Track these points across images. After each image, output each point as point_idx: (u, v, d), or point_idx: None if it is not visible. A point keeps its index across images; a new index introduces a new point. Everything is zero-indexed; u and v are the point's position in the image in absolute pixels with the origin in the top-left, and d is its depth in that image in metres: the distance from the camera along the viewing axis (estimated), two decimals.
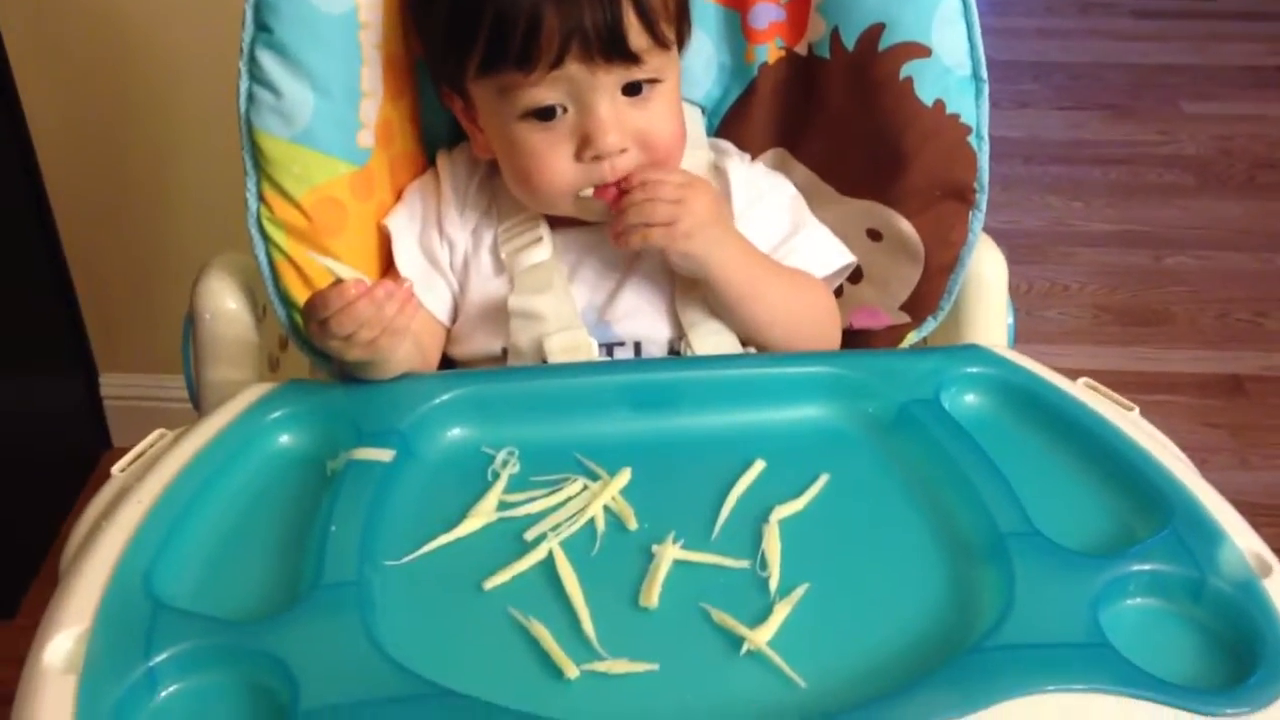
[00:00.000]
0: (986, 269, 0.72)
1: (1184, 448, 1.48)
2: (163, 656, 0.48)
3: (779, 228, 0.70)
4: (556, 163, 0.65)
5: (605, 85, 0.63)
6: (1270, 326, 1.78)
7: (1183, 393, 1.67)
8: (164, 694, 0.48)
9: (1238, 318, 1.79)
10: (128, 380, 1.51)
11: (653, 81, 0.65)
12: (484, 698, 0.47)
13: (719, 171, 0.71)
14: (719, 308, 0.66)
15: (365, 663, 0.48)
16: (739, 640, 0.51)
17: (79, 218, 1.39)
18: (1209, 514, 0.55)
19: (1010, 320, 0.73)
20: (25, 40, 1.27)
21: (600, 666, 0.50)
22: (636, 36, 0.62)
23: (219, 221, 0.97)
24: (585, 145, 0.64)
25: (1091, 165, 2.14)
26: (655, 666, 0.50)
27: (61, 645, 0.48)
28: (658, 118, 0.66)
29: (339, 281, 0.58)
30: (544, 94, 0.63)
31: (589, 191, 0.64)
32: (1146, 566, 0.52)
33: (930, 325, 0.72)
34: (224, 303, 0.67)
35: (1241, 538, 0.54)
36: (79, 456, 1.52)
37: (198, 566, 0.53)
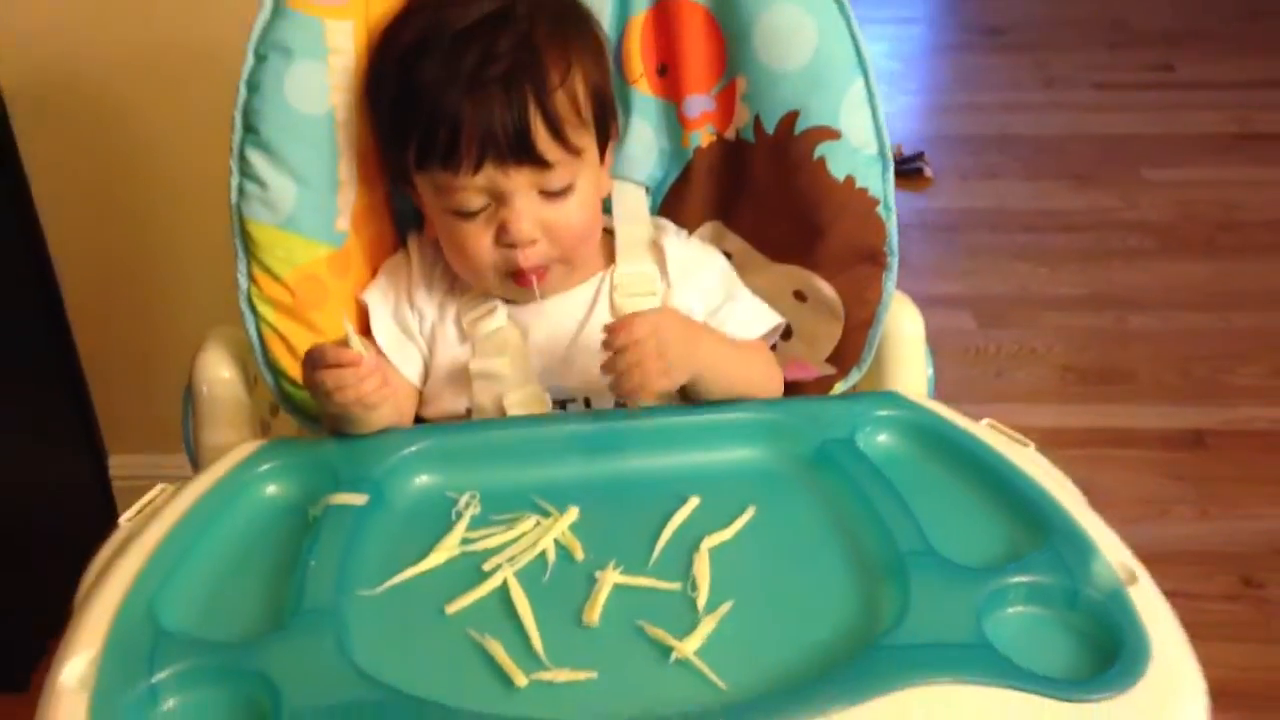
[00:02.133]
0: (905, 325, 0.80)
1: (1147, 499, 1.56)
2: (163, 675, 0.55)
3: (713, 296, 0.78)
4: (478, 248, 0.74)
5: (520, 185, 0.72)
6: (1231, 382, 1.85)
7: (1146, 447, 1.74)
8: (164, 707, 0.55)
9: (1199, 375, 1.87)
10: (134, 460, 1.59)
11: (568, 186, 0.74)
12: (444, 703, 0.54)
13: (656, 247, 0.79)
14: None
15: (339, 676, 0.55)
16: (669, 650, 0.58)
17: (86, 309, 1.48)
18: (1084, 532, 0.62)
19: (930, 371, 0.81)
20: (34, 136, 1.37)
21: (545, 676, 0.57)
22: (545, 144, 0.71)
23: (214, 310, 1.06)
24: (502, 233, 0.73)
25: (1057, 232, 2.23)
26: (594, 674, 0.57)
27: (75, 667, 0.55)
28: (568, 215, 0.74)
29: (343, 340, 0.66)
30: (469, 198, 0.72)
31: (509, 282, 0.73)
32: (1026, 579, 0.59)
33: (855, 376, 0.80)
34: (219, 372, 0.75)
35: (1112, 552, 0.61)
36: (88, 534, 1.58)
37: (195, 598, 0.60)
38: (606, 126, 0.76)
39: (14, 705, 1.38)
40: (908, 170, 2.36)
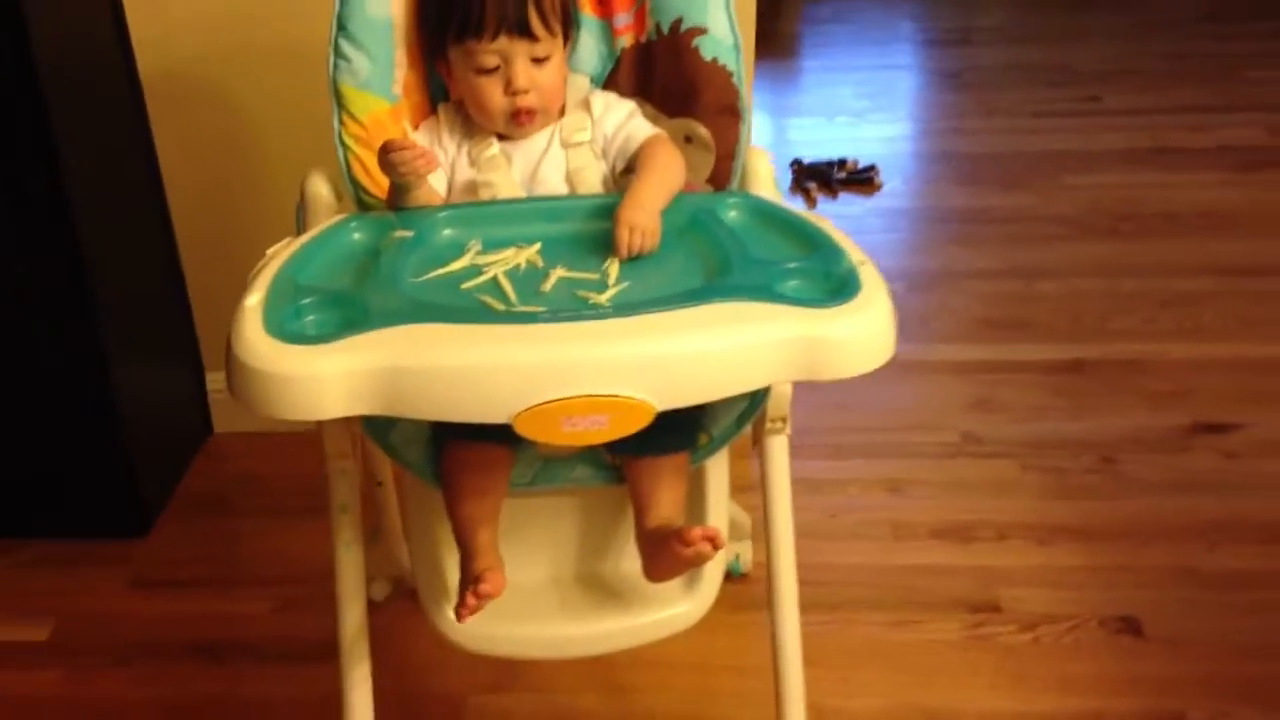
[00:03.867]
0: (759, 164, 1.22)
1: (1034, 406, 1.96)
2: (304, 301, 0.97)
3: (621, 118, 1.19)
4: (492, 96, 1.15)
5: (519, 51, 1.13)
6: (1110, 327, 2.26)
7: (1037, 372, 2.15)
8: (305, 319, 0.97)
9: (1086, 323, 2.28)
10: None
11: (547, 57, 1.15)
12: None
13: (586, 103, 1.20)
14: None
15: (400, 302, 0.97)
16: (588, 300, 0.99)
17: (196, 241, 1.92)
18: (841, 245, 1.03)
19: (778, 197, 1.23)
20: (163, 115, 1.82)
21: (515, 309, 0.99)
22: (536, 24, 1.12)
23: None
24: (507, 86, 1.14)
25: (985, 224, 2.67)
26: (544, 309, 0.98)
27: (253, 299, 0.97)
28: (548, 76, 1.15)
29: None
30: (487, 59, 1.13)
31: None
32: (800, 264, 1.01)
33: None
34: (320, 188, 1.19)
35: (854, 254, 1.02)
36: (186, 438, 2.01)
37: (316, 273, 1.03)
38: (568, 29, 1.19)
39: (139, 546, 1.81)
40: (860, 178, 2.83)
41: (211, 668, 1.57)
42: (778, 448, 1.20)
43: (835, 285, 0.99)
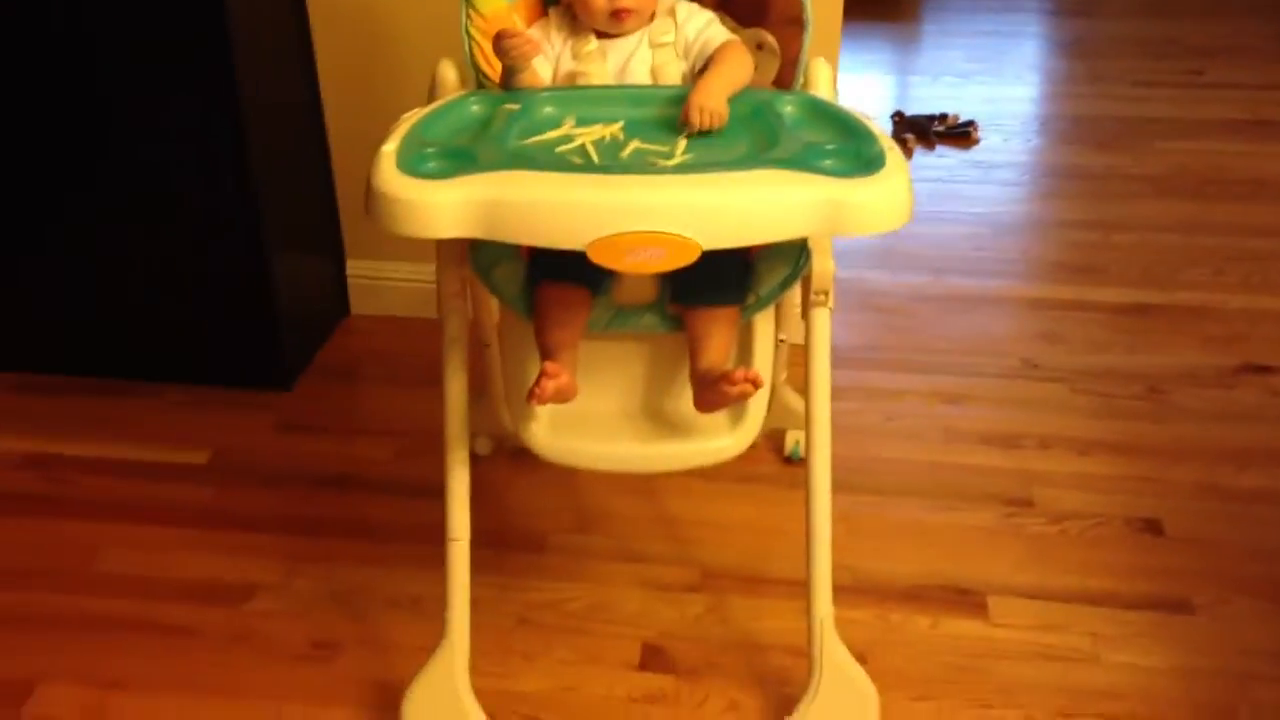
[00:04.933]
0: (820, 72, 1.41)
1: (1094, 343, 2.11)
2: (428, 149, 1.21)
3: (701, 25, 1.39)
4: (596, 0, 1.38)
5: None
6: (1180, 277, 2.40)
7: (1102, 312, 2.30)
8: (429, 164, 1.21)
9: (1156, 273, 2.42)
10: (366, 265, 2.29)
11: None
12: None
13: (672, 11, 1.42)
14: None
15: (506, 154, 1.20)
16: (656, 166, 1.21)
17: (344, 144, 2.19)
18: (874, 133, 1.23)
19: (836, 98, 1.43)
20: (323, 29, 2.09)
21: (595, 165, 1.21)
22: None
23: None
24: None
25: (1074, 179, 2.81)
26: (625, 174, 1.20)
27: (389, 146, 1.20)
28: None
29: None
30: None
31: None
32: (835, 146, 1.21)
33: None
34: (448, 73, 1.43)
35: (884, 141, 1.22)
36: (327, 316, 2.30)
37: (440, 131, 1.27)
38: None
39: (283, 398, 2.09)
40: (958, 132, 2.98)
41: (340, 495, 1.84)
42: (820, 319, 1.40)
43: (864, 163, 1.19)
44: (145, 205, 1.95)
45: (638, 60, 1.39)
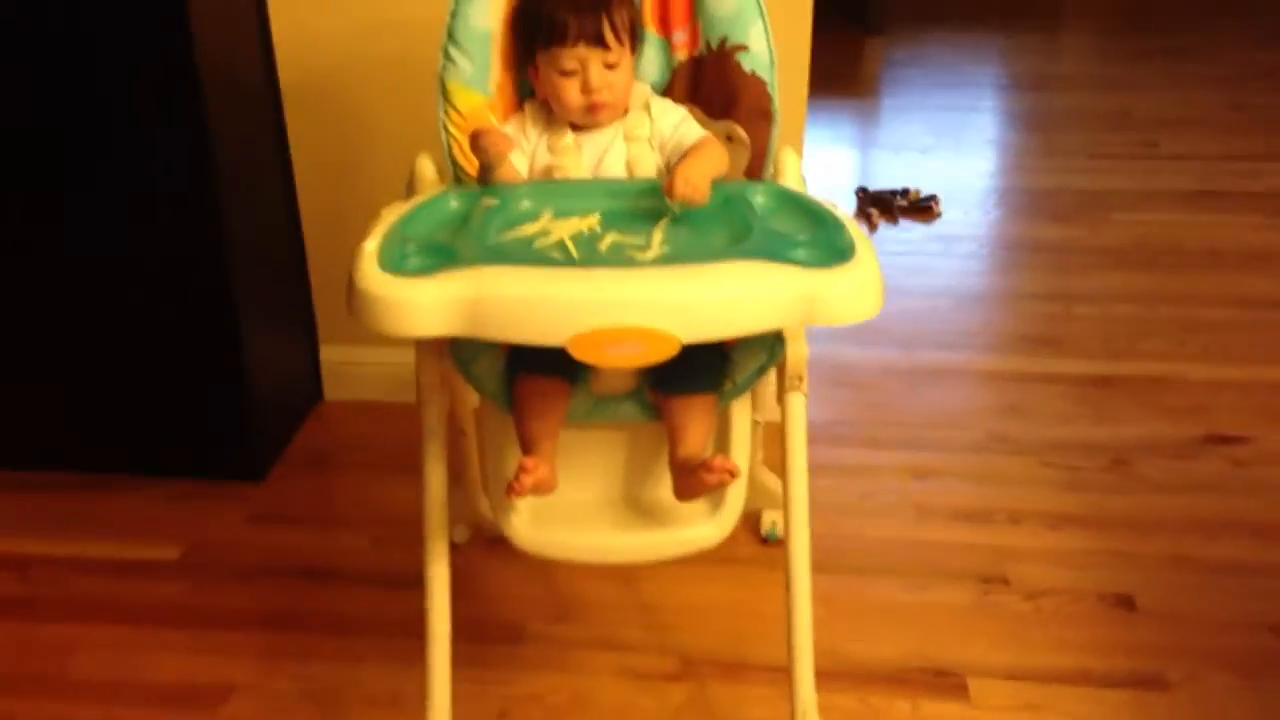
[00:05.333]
0: (788, 161, 1.45)
1: (1059, 414, 2.14)
2: (408, 245, 1.23)
3: (676, 121, 1.41)
4: (572, 94, 1.38)
5: (595, 60, 1.37)
6: (1139, 348, 2.44)
7: (1066, 384, 2.33)
8: (410, 261, 1.22)
9: (1116, 344, 2.46)
10: (339, 350, 2.29)
11: (617, 64, 1.40)
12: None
13: (646, 105, 1.44)
14: None
15: (484, 249, 1.22)
16: (634, 259, 1.23)
17: (317, 227, 2.20)
18: (844, 224, 1.26)
19: (804, 188, 1.46)
20: (297, 114, 2.11)
21: (573, 259, 1.23)
22: (609, 37, 1.36)
23: None
24: (584, 87, 1.38)
25: (1033, 252, 2.87)
26: (604, 270, 1.22)
27: (371, 244, 1.22)
28: (618, 79, 1.39)
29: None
30: (569, 63, 1.38)
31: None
32: (807, 237, 1.24)
33: None
34: (426, 168, 1.45)
35: (854, 232, 1.25)
36: (300, 403, 2.29)
37: (419, 228, 1.28)
38: (635, 43, 1.43)
39: (256, 489, 2.08)
40: (921, 206, 3.04)
41: (316, 588, 1.83)
42: (796, 404, 1.42)
43: (835, 253, 1.21)
44: (117, 294, 1.95)
45: (613, 153, 1.42)
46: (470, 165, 1.43)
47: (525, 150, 1.44)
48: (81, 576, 1.86)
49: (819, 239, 1.23)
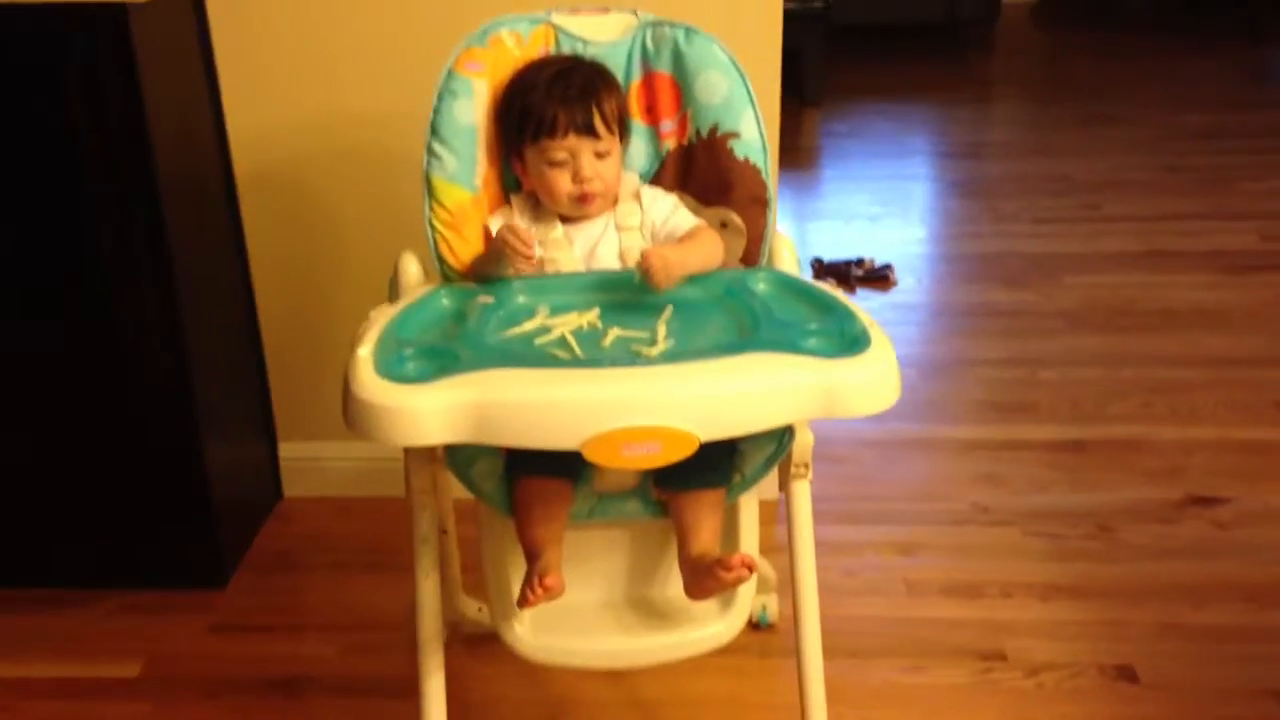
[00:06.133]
0: (783, 249, 1.43)
1: (1035, 481, 2.12)
2: (406, 350, 1.17)
3: (668, 210, 1.39)
4: (561, 185, 1.35)
5: (585, 148, 1.34)
6: (1110, 411, 2.44)
7: (1039, 450, 2.32)
8: (408, 366, 1.16)
9: (1086, 408, 2.46)
10: (300, 447, 2.21)
11: (608, 153, 1.37)
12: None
13: (637, 195, 1.40)
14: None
15: (486, 350, 1.17)
16: (640, 354, 1.19)
17: (276, 325, 2.13)
18: (854, 311, 1.23)
19: (798, 272, 1.43)
20: (254, 211, 2.05)
21: (581, 358, 1.18)
22: (599, 126, 1.34)
23: None
24: (575, 177, 1.35)
25: (989, 318, 2.87)
26: (605, 358, 1.18)
27: (365, 350, 1.16)
28: (608, 168, 1.36)
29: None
30: (559, 154, 1.35)
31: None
32: (817, 326, 1.21)
33: None
34: (410, 266, 1.40)
35: (864, 319, 1.21)
36: (260, 502, 2.20)
37: (412, 330, 1.23)
38: (624, 133, 1.41)
39: (218, 596, 1.98)
40: (877, 275, 3.04)
41: (288, 701, 1.73)
42: (801, 491, 1.38)
43: (849, 341, 1.18)
44: (70, 398, 1.86)
45: (605, 244, 1.38)
46: (458, 260, 1.39)
47: None
48: (36, 700, 1.75)
49: (830, 327, 1.20)
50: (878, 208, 3.56)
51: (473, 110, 1.39)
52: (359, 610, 1.90)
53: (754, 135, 1.40)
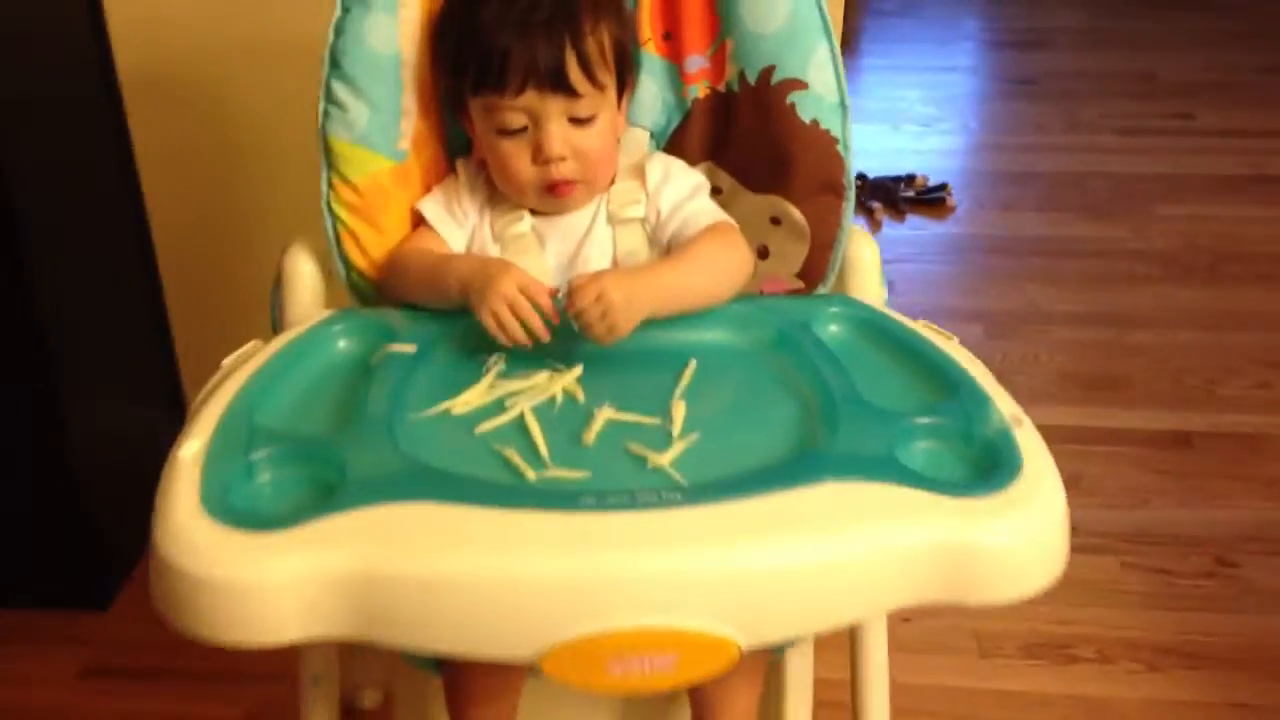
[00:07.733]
0: (864, 252, 0.95)
1: (1131, 489, 1.68)
2: (258, 455, 0.71)
3: (681, 195, 0.93)
4: (519, 165, 0.90)
5: (553, 110, 0.87)
6: (1219, 392, 1.99)
7: (1135, 444, 1.87)
8: (259, 480, 0.71)
9: (1190, 385, 2.00)
10: None
11: (592, 116, 0.89)
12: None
13: (638, 168, 0.95)
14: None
15: (391, 460, 0.71)
16: (646, 461, 0.73)
17: (177, 273, 1.68)
18: (983, 389, 0.77)
19: (884, 295, 0.96)
20: (143, 115, 1.57)
21: (549, 474, 0.72)
22: (576, 77, 0.87)
23: None
24: (537, 152, 0.89)
25: (1067, 258, 2.39)
26: (588, 474, 0.72)
27: (190, 448, 0.72)
28: (592, 140, 0.90)
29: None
30: (512, 117, 0.88)
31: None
32: (932, 420, 0.74)
33: (821, 290, 0.96)
34: (301, 265, 0.93)
35: (1004, 404, 0.76)
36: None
37: (282, 408, 0.76)
38: (624, 75, 0.92)
39: (97, 622, 1.56)
40: (931, 198, 2.54)
41: None
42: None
43: (981, 455, 0.72)
44: None
45: (593, 247, 0.91)
46: (367, 262, 0.93)
47: (464, 227, 0.93)
48: None
49: (949, 422, 0.74)
50: (931, 108, 3.04)
51: (396, 31, 0.90)
52: (270, 657, 1.47)
53: (830, 86, 0.92)
